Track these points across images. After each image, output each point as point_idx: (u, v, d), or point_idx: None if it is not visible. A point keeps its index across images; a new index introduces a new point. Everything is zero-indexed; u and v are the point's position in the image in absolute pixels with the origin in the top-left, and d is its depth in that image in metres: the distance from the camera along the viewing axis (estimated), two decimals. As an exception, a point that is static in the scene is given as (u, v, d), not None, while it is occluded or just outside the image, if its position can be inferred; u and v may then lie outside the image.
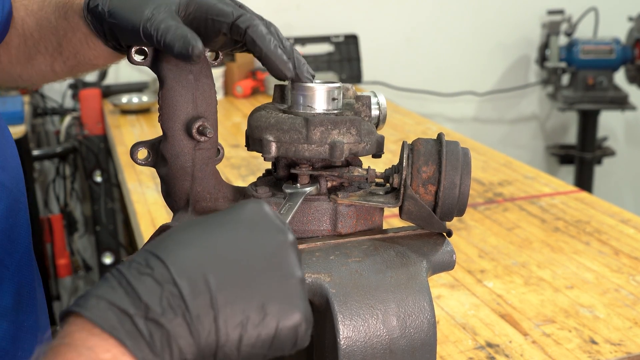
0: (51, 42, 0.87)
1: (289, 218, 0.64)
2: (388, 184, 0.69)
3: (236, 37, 0.64)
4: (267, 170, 0.74)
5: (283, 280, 0.48)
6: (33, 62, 0.92)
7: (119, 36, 0.71)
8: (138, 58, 0.68)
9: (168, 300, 0.43)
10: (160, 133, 0.70)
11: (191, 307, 0.44)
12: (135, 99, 2.62)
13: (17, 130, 2.20)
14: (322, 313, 0.62)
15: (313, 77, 0.68)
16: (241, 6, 0.66)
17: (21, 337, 0.78)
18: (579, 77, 3.21)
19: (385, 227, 0.71)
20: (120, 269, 0.45)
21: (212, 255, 0.46)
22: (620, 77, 3.28)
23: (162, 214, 1.54)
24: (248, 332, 0.46)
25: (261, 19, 0.66)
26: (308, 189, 0.67)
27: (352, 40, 3.08)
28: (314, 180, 0.68)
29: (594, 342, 1.04)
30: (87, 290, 0.45)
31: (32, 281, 0.82)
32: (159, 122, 0.70)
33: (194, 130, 0.68)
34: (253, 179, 1.74)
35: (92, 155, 2.63)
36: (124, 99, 2.61)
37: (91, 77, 2.81)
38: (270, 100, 0.73)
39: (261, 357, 0.47)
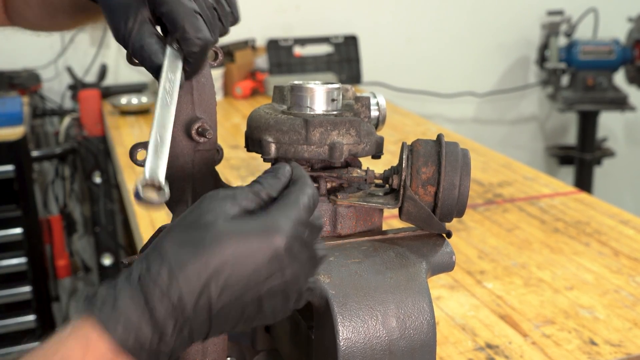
0: (67, 10, 0.87)
1: None
2: (387, 185, 0.69)
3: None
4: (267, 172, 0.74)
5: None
6: (56, 20, 0.93)
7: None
8: (137, 59, 0.68)
9: (180, 327, 0.48)
10: (160, 134, 0.70)
11: (196, 335, 0.50)
12: (134, 99, 2.62)
13: (17, 131, 2.20)
14: (321, 314, 0.62)
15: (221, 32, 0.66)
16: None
17: None
18: (579, 78, 3.21)
19: (384, 228, 0.71)
20: (143, 282, 0.48)
21: (216, 279, 0.49)
22: (619, 78, 3.28)
23: (162, 215, 1.54)
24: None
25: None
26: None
27: (351, 41, 3.08)
28: (313, 181, 0.67)
29: (593, 343, 1.04)
30: (108, 293, 0.48)
31: None
32: (158, 123, 0.70)
33: (194, 132, 0.68)
34: (252, 179, 1.74)
35: (91, 156, 2.62)
36: (124, 99, 2.61)
37: (90, 77, 2.81)
38: (269, 101, 0.73)
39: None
